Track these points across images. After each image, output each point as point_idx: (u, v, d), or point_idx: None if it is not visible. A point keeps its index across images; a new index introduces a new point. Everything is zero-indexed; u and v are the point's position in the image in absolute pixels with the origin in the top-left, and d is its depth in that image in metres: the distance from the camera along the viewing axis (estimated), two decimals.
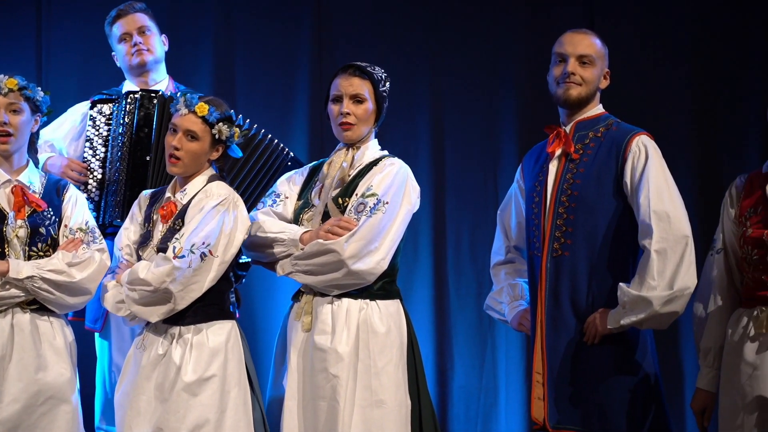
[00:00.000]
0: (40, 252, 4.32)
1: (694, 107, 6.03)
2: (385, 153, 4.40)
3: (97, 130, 4.97)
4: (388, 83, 4.38)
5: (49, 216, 4.37)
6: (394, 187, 4.24)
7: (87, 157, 4.96)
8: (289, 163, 4.88)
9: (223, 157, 4.31)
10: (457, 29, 6.13)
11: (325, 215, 4.29)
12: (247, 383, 4.19)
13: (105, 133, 4.95)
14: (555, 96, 4.34)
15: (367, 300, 4.23)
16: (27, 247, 4.31)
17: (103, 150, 4.94)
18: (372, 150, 4.38)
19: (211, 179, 4.26)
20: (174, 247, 4.09)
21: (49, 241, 4.34)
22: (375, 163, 4.33)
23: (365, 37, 6.08)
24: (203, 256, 4.07)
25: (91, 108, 5.02)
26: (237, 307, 4.30)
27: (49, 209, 4.38)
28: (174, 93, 4.82)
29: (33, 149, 4.48)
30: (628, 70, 5.73)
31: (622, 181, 4.19)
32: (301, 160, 5.02)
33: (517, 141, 6.03)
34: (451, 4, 6.14)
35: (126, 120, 4.89)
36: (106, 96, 5.04)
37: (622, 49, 5.63)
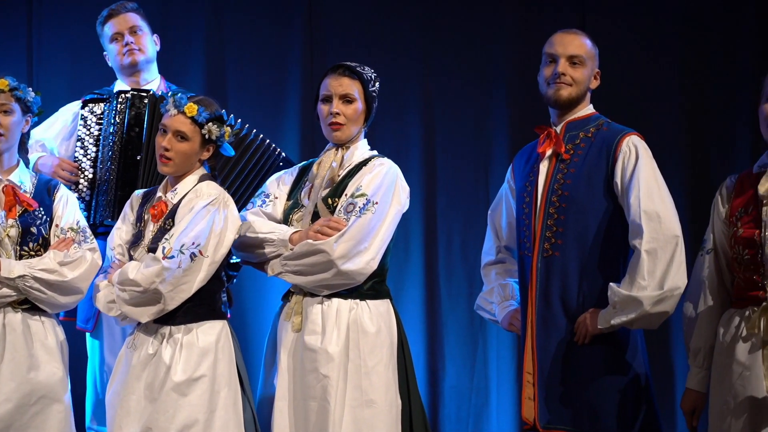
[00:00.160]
0: (32, 252, 4.32)
1: (684, 107, 6.03)
2: (374, 153, 4.40)
3: (88, 130, 4.97)
4: (377, 83, 4.38)
5: (40, 216, 4.36)
6: (384, 188, 4.24)
7: (78, 157, 4.96)
8: (280, 163, 4.87)
9: (214, 157, 4.30)
10: (448, 29, 6.12)
11: (314, 215, 4.28)
12: (238, 383, 4.18)
13: (96, 133, 4.95)
14: (545, 96, 4.33)
15: (357, 300, 4.23)
16: (18, 247, 4.31)
17: (94, 149, 4.94)
18: (361, 150, 4.38)
19: (202, 179, 4.25)
20: (164, 247, 4.08)
21: (40, 240, 4.34)
22: (364, 163, 4.33)
23: (356, 37, 6.07)
24: (193, 256, 4.07)
25: (83, 107, 5.02)
26: (228, 307, 4.29)
27: (40, 209, 4.37)
28: (165, 93, 4.81)
29: (24, 149, 4.48)
30: (619, 71, 5.73)
31: (612, 181, 4.19)
32: (292, 160, 5.02)
33: (507, 141, 6.03)
34: (442, 4, 6.14)
35: (117, 119, 4.90)
36: (97, 96, 5.04)
37: (613, 49, 5.63)
